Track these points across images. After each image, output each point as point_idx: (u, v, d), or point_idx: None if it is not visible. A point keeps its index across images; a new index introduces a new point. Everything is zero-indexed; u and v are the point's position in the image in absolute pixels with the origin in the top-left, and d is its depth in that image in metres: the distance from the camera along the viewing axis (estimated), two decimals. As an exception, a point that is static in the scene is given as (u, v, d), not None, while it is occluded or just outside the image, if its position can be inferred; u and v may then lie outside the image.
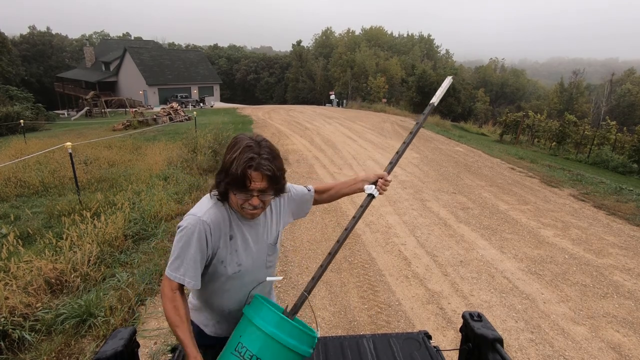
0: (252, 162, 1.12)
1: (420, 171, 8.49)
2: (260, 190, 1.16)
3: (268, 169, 1.13)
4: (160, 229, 4.64)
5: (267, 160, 1.14)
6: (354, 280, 3.84)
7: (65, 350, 2.64)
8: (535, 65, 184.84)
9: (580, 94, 38.76)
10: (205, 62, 44.09)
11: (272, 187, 1.18)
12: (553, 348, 2.92)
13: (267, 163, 1.13)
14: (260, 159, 1.13)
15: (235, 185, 1.15)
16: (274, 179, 1.16)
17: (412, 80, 33.13)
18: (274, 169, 1.15)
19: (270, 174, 1.14)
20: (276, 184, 1.18)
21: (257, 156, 1.13)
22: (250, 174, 1.12)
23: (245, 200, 1.18)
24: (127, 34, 68.73)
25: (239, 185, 1.14)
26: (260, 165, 1.13)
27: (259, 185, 1.14)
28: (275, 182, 1.17)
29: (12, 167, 7.22)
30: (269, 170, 1.13)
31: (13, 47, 43.49)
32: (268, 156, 1.15)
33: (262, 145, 1.17)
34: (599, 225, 5.55)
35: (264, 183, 1.15)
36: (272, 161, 1.15)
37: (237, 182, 1.13)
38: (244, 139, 1.17)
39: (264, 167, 1.13)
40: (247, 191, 1.15)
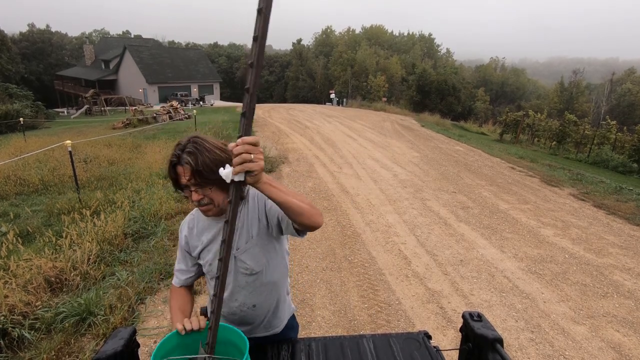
0: (175, 158, 1.16)
1: (420, 170, 8.48)
2: (193, 184, 1.16)
3: (187, 161, 1.14)
4: (160, 227, 4.64)
5: (189, 153, 1.14)
6: (353, 280, 3.84)
7: (65, 349, 2.64)
8: (536, 64, 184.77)
9: (581, 93, 38.76)
10: (205, 61, 44.04)
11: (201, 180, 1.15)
12: (553, 347, 2.92)
13: (188, 156, 1.14)
14: (183, 154, 1.15)
15: (173, 185, 1.21)
16: (197, 171, 1.14)
17: (412, 79, 33.14)
18: (195, 161, 1.13)
19: (191, 167, 1.13)
20: (203, 176, 1.15)
21: (180, 152, 1.15)
22: (177, 171, 1.16)
23: (190, 197, 1.19)
24: (127, 32, 68.62)
25: (175, 185, 1.20)
26: (181, 159, 1.15)
27: (186, 179, 1.15)
28: (200, 174, 1.14)
29: (12, 165, 7.21)
30: (187, 163, 1.14)
31: (13, 44, 43.44)
32: (191, 149, 1.14)
33: (191, 141, 1.17)
34: (599, 225, 5.56)
35: (187, 175, 1.15)
36: (196, 154, 1.14)
37: (172, 181, 1.19)
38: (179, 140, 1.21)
39: (184, 160, 1.14)
40: (183, 188, 1.18)
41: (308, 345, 1.43)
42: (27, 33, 52.68)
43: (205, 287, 3.52)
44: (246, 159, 0.88)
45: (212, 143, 1.20)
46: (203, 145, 1.17)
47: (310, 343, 1.45)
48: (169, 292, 1.41)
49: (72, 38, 61.26)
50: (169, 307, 1.37)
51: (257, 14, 0.60)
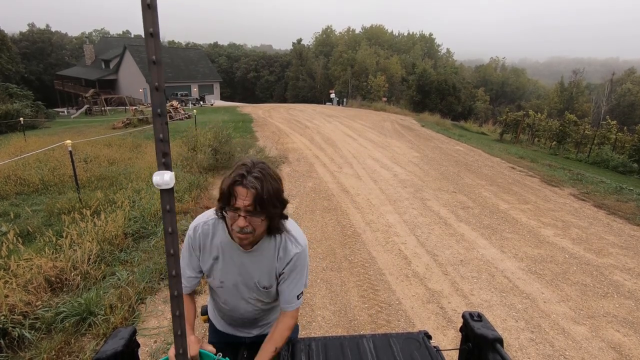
0: (239, 178, 1.11)
1: (420, 170, 8.48)
2: (246, 209, 1.11)
3: (253, 185, 1.09)
4: (160, 227, 4.64)
5: (256, 178, 1.10)
6: (354, 279, 3.83)
7: (65, 349, 2.64)
8: (536, 64, 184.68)
9: (581, 93, 38.77)
10: (205, 61, 44.02)
11: (261, 209, 1.12)
12: (553, 347, 2.92)
13: (254, 180, 1.09)
14: (249, 176, 1.10)
15: (223, 201, 1.14)
16: (259, 198, 1.10)
17: (412, 79, 33.12)
18: (261, 188, 1.09)
19: (255, 192, 1.09)
20: (263, 205, 1.11)
21: (246, 173, 1.11)
22: (235, 190, 1.11)
23: (234, 221, 1.15)
24: (127, 32, 68.62)
25: (225, 201, 1.14)
26: (248, 181, 1.10)
27: (244, 202, 1.10)
28: (262, 203, 1.11)
29: (12, 165, 7.21)
30: (253, 188, 1.09)
31: (13, 44, 43.41)
32: (258, 175, 1.11)
33: (257, 165, 1.14)
34: (599, 225, 5.55)
35: (249, 200, 1.10)
36: (263, 181, 1.10)
37: (224, 197, 1.13)
38: (243, 160, 1.17)
39: (250, 183, 1.09)
40: (233, 209, 1.13)
41: (308, 345, 1.43)
42: (27, 33, 52.66)
43: (205, 287, 3.52)
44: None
45: (274, 172, 1.18)
46: (269, 173, 1.14)
47: (310, 343, 1.45)
48: None
49: (72, 38, 61.23)
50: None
51: (147, 9, 0.57)
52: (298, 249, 1.30)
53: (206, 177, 7.01)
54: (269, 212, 1.15)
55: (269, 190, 1.11)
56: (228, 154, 8.03)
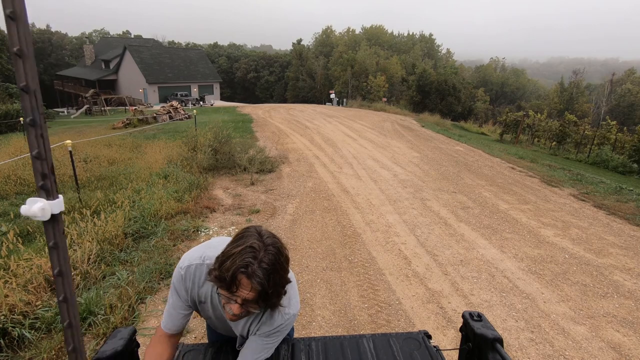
0: (246, 268, 0.99)
1: (420, 170, 8.48)
2: (245, 300, 1.03)
3: (260, 281, 0.99)
4: (160, 227, 4.64)
5: (264, 271, 1.00)
6: (354, 279, 3.83)
7: (65, 349, 2.64)
8: (536, 64, 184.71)
9: (581, 93, 38.75)
10: (205, 61, 44.04)
11: (262, 302, 1.05)
12: (553, 347, 2.92)
13: (262, 275, 0.99)
14: (257, 268, 0.99)
15: (221, 284, 1.03)
16: (263, 294, 1.02)
17: (412, 79, 33.14)
18: (267, 284, 1.00)
19: (261, 289, 1.00)
20: (265, 300, 1.04)
21: (253, 261, 1.00)
22: (239, 280, 1.00)
23: (227, 302, 1.06)
24: (127, 32, 68.61)
25: (225, 287, 1.03)
26: (254, 274, 0.99)
27: (245, 294, 1.01)
28: (265, 298, 1.03)
29: (12, 165, 7.21)
30: (260, 285, 1.00)
31: (13, 44, 43.34)
32: (267, 266, 1.00)
33: (268, 251, 1.02)
34: (599, 225, 5.55)
35: (251, 294, 1.01)
36: (270, 274, 1.01)
37: (224, 283, 1.02)
38: (251, 235, 1.05)
39: (257, 278, 0.99)
40: (231, 294, 1.04)
41: (308, 345, 1.43)
42: (28, 33, 52.59)
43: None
44: None
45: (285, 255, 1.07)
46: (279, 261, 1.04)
47: (310, 343, 1.45)
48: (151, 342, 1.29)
49: (72, 38, 61.21)
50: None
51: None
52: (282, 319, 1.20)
53: (206, 177, 7.01)
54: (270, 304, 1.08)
55: (275, 282, 1.02)
56: (228, 154, 8.04)
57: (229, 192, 6.51)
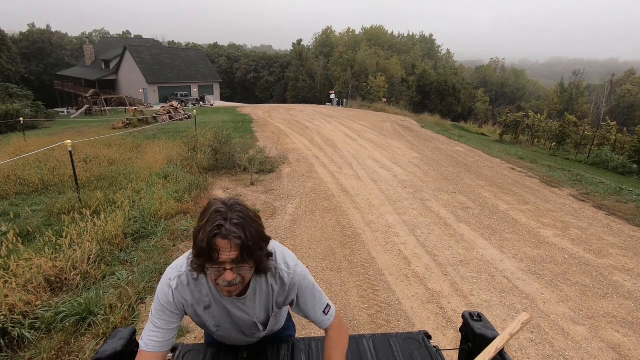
0: (219, 229, 0.97)
1: (420, 171, 8.48)
2: (232, 261, 0.99)
3: (237, 236, 0.97)
4: (160, 227, 4.64)
5: (237, 225, 0.98)
6: (354, 280, 3.84)
7: (65, 349, 2.64)
8: (536, 65, 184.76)
9: (581, 94, 38.77)
10: (206, 61, 44.06)
11: (248, 258, 1.02)
12: (553, 348, 2.92)
13: (236, 229, 0.97)
14: (229, 225, 0.97)
15: (203, 258, 1.00)
16: (245, 248, 0.99)
17: (412, 79, 33.15)
18: (245, 236, 0.98)
19: (240, 241, 0.98)
20: (250, 253, 1.01)
21: (224, 222, 0.98)
22: (216, 243, 0.97)
23: (219, 275, 1.02)
24: (127, 32, 68.61)
25: (207, 258, 1.00)
26: (229, 232, 0.97)
27: (229, 255, 0.98)
28: (248, 251, 1.00)
29: (12, 165, 7.21)
30: (238, 238, 0.97)
31: (13, 44, 43.39)
32: (238, 221, 0.99)
33: (234, 209, 1.01)
34: (598, 226, 5.56)
35: (235, 252, 0.98)
36: (244, 227, 0.99)
37: (204, 254, 0.99)
38: (214, 204, 1.03)
39: (233, 234, 0.97)
40: (217, 264, 1.00)
41: (308, 345, 1.44)
42: (27, 33, 52.63)
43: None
44: None
45: (252, 210, 1.06)
46: (248, 214, 1.02)
47: (310, 343, 1.45)
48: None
49: (72, 38, 61.22)
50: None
51: None
52: (290, 275, 1.21)
53: (206, 177, 7.01)
54: (256, 258, 1.05)
55: (252, 234, 1.00)
56: (228, 154, 8.04)
57: (229, 193, 6.51)
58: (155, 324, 1.16)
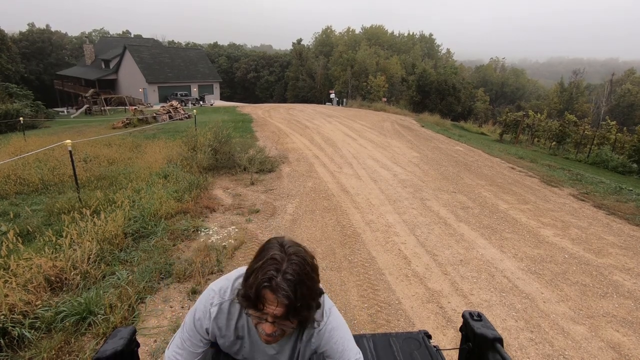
0: (269, 282, 0.93)
1: (420, 170, 8.48)
2: (276, 316, 0.96)
3: (285, 294, 0.92)
4: (160, 227, 4.64)
5: (289, 282, 0.93)
6: (353, 279, 3.84)
7: (65, 348, 2.64)
8: (536, 64, 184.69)
9: (581, 93, 38.77)
10: (205, 60, 44.03)
11: (292, 317, 0.97)
12: (553, 347, 2.92)
13: (287, 287, 0.92)
14: (282, 280, 0.93)
15: (247, 302, 0.98)
16: (292, 308, 0.94)
17: (412, 79, 33.13)
18: (294, 297, 0.93)
19: (288, 302, 0.93)
20: (295, 314, 0.96)
21: (276, 273, 0.93)
22: (264, 295, 0.94)
23: (259, 322, 1.00)
24: (126, 32, 68.55)
25: (250, 304, 0.97)
26: (279, 288, 0.92)
27: (273, 310, 0.94)
28: (295, 312, 0.95)
29: (12, 165, 7.20)
30: (286, 298, 0.92)
31: (13, 44, 43.38)
32: (292, 277, 0.93)
33: (291, 261, 0.96)
34: (598, 225, 5.56)
35: (280, 309, 0.94)
36: (297, 285, 0.93)
37: (250, 300, 0.96)
38: (272, 247, 0.98)
39: (283, 291, 0.92)
40: (260, 313, 0.97)
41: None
42: (27, 32, 52.59)
43: (204, 287, 3.52)
44: None
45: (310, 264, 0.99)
46: (304, 270, 0.96)
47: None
48: None
49: (72, 37, 61.17)
50: None
51: None
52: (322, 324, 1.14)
53: (206, 176, 7.01)
54: (302, 318, 0.98)
55: (303, 293, 0.94)
56: (228, 154, 8.04)
57: (229, 192, 6.51)
58: (184, 342, 1.16)
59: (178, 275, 3.61)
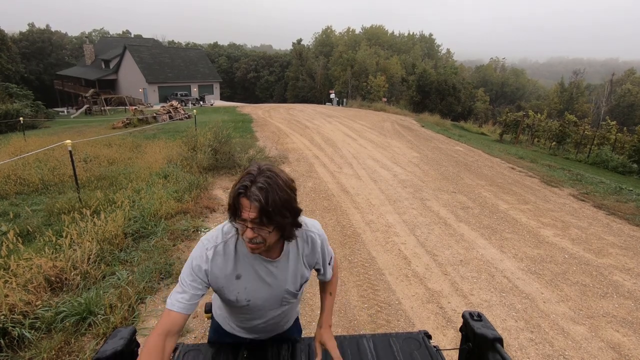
0: (243, 189, 1.06)
1: (420, 170, 8.48)
2: (252, 221, 1.07)
3: (256, 198, 1.04)
4: (160, 227, 4.64)
5: (260, 189, 1.05)
6: (353, 279, 3.84)
7: (65, 349, 2.64)
8: (536, 64, 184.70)
9: (581, 94, 38.80)
10: (205, 60, 44.04)
11: (267, 221, 1.07)
12: (553, 348, 2.92)
13: (259, 192, 1.04)
14: (253, 187, 1.06)
15: (230, 212, 1.12)
16: (264, 211, 1.05)
17: (412, 79, 33.13)
18: (265, 200, 1.04)
19: (259, 205, 1.04)
20: (270, 217, 1.07)
21: (250, 184, 1.06)
22: (240, 201, 1.07)
23: (242, 231, 1.12)
24: (127, 32, 68.57)
25: (233, 213, 1.11)
26: (251, 193, 1.05)
27: (249, 214, 1.06)
28: (267, 215, 1.06)
29: (12, 165, 7.20)
30: (257, 200, 1.04)
31: (12, 44, 43.40)
32: (263, 185, 1.05)
33: (264, 174, 1.08)
34: (598, 225, 5.56)
35: (253, 213, 1.06)
36: (268, 192, 1.05)
37: (231, 209, 1.11)
38: (251, 167, 1.12)
39: (254, 195, 1.05)
40: (241, 220, 1.09)
41: (308, 345, 1.44)
42: (27, 32, 52.61)
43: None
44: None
45: (284, 179, 1.12)
46: (276, 182, 1.08)
47: (310, 343, 1.45)
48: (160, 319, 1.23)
49: (72, 37, 61.19)
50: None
51: None
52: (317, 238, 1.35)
53: (206, 177, 7.01)
54: (277, 223, 1.10)
55: (275, 201, 1.06)
56: (228, 154, 8.03)
57: (229, 192, 6.51)
58: (183, 287, 1.22)
59: (178, 276, 3.61)
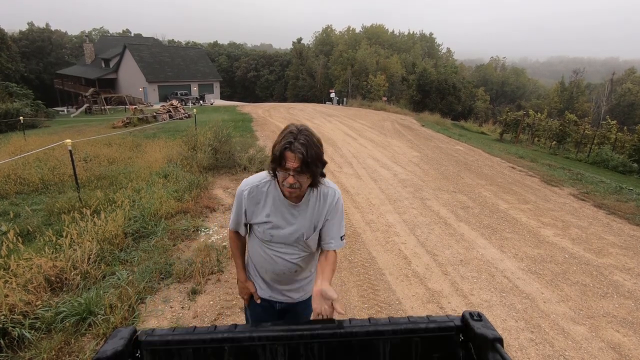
0: (288, 144, 1.34)
1: (420, 170, 8.48)
2: (295, 170, 1.35)
3: (300, 151, 1.33)
4: (160, 227, 4.64)
5: (302, 144, 1.33)
6: (354, 279, 3.84)
7: (65, 349, 2.64)
8: (536, 64, 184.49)
9: (581, 93, 38.79)
10: (205, 60, 44.01)
11: (306, 170, 1.36)
12: (553, 348, 2.92)
13: (301, 147, 1.33)
14: (297, 143, 1.33)
15: (275, 163, 1.39)
16: (305, 162, 1.34)
17: (412, 78, 33.08)
18: (306, 153, 1.33)
19: (302, 157, 1.33)
20: (308, 167, 1.35)
21: (294, 140, 1.34)
22: (285, 154, 1.34)
23: (284, 178, 1.39)
24: (126, 31, 68.50)
25: (277, 164, 1.38)
26: (295, 148, 1.33)
27: (292, 164, 1.34)
28: (307, 165, 1.35)
29: (12, 164, 7.20)
30: (300, 153, 1.33)
31: (12, 43, 43.40)
32: (304, 141, 1.34)
33: (302, 133, 1.37)
34: (599, 225, 5.55)
35: (296, 163, 1.34)
36: (307, 147, 1.34)
37: (276, 160, 1.38)
38: (290, 127, 1.39)
39: (297, 149, 1.33)
40: (284, 169, 1.37)
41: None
42: (27, 31, 52.56)
43: (204, 287, 3.52)
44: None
45: (317, 137, 1.42)
46: (312, 139, 1.38)
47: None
48: (231, 237, 1.76)
49: (72, 37, 61.13)
50: (232, 250, 1.79)
51: None
52: (335, 193, 1.58)
53: (206, 176, 7.00)
54: (313, 172, 1.40)
55: (312, 155, 1.35)
56: (228, 153, 8.02)
57: (229, 192, 6.50)
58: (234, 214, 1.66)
59: (178, 276, 3.62)
